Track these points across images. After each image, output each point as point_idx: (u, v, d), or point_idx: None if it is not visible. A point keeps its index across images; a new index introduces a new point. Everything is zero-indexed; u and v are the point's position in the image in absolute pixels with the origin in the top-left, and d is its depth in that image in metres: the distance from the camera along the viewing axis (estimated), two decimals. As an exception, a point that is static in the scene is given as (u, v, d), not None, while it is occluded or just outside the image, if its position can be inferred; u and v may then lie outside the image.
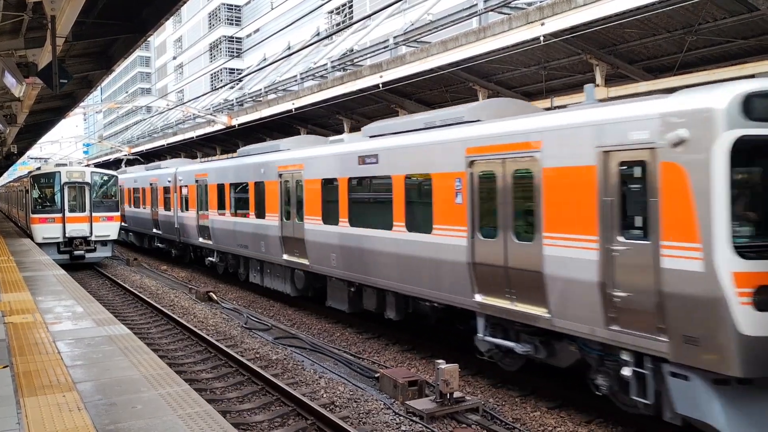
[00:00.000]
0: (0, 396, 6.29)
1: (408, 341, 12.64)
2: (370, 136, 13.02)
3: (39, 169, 26.87)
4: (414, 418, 8.69)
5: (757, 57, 10.80)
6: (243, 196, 17.96)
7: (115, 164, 45.44)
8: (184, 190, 22.71)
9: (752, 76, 9.80)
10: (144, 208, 28.28)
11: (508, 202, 9.17)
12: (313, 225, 14.24)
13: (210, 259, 21.33)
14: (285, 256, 15.59)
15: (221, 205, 19.44)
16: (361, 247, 12.47)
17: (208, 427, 5.45)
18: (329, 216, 13.62)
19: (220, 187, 19.59)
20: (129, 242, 33.48)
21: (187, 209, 22.51)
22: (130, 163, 40.03)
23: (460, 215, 10.01)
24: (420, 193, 11.23)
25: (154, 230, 27.06)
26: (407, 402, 9.03)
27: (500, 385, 10.19)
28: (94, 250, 24.44)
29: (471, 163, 9.80)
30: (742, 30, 10.55)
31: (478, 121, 10.32)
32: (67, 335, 8.88)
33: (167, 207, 24.72)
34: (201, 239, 21.49)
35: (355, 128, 21.15)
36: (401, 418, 8.74)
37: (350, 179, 12.91)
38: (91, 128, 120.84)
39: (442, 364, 8.82)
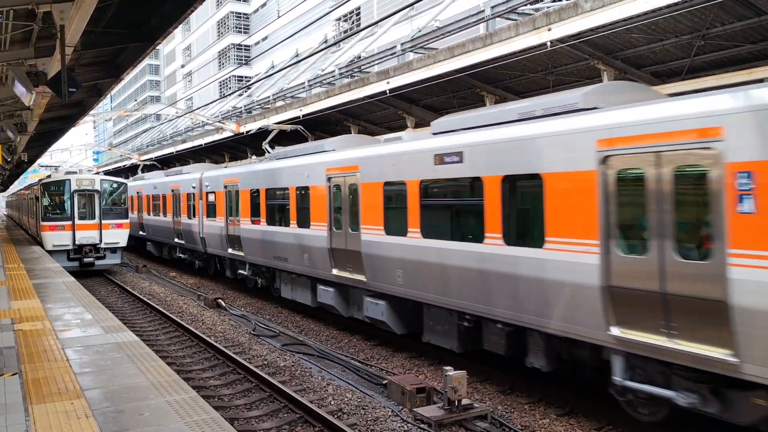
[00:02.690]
0: (9, 403, 6.31)
1: (416, 348, 12.60)
2: (442, 132, 11.14)
3: (49, 177, 27.06)
4: (422, 426, 8.65)
5: (766, 61, 10.74)
6: (281, 203, 16.13)
7: (131, 170, 44.55)
8: (211, 197, 21.03)
9: (761, 80, 9.75)
10: (165, 216, 26.57)
11: (666, 208, 7.13)
12: (372, 236, 12.35)
13: (241, 272, 19.28)
14: (335, 271, 13.75)
15: (255, 213, 17.62)
16: (438, 263, 10.58)
17: (215, 434, 5.45)
18: (394, 226, 11.73)
19: (254, 194, 17.73)
20: (147, 252, 31.83)
21: (214, 217, 20.85)
22: (147, 168, 38.58)
23: (587, 224, 8.02)
24: (525, 197, 9.37)
25: (176, 240, 25.38)
26: (415, 409, 8.99)
27: (509, 392, 10.13)
28: (104, 257, 24.58)
29: (604, 160, 7.82)
30: (751, 34, 10.49)
31: (595, 108, 8.48)
32: (76, 342, 8.91)
33: (191, 215, 23.08)
34: (230, 250, 19.62)
35: (362, 134, 21.17)
36: (409, 425, 8.71)
37: (422, 182, 10.97)
38: (101, 136, 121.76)
39: (450, 370, 8.78)
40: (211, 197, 21.05)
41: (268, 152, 18.79)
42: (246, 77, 65.99)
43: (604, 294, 7.69)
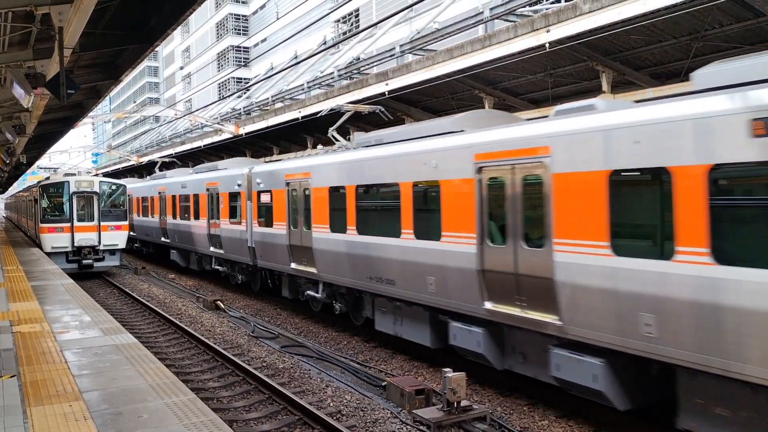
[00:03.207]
0: (7, 405, 6.30)
1: (415, 350, 12.59)
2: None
3: (48, 178, 27.04)
4: (421, 427, 8.65)
5: (765, 63, 10.73)
6: (386, 205, 12.06)
7: (147, 168, 42.55)
8: (265, 197, 17.10)
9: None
10: (197, 219, 22.37)
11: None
12: (588, 257, 8.00)
13: (310, 293, 15.29)
14: (490, 305, 9.51)
15: (338, 218, 13.53)
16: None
17: (214, 436, 5.44)
18: (660, 237, 7.24)
19: (335, 192, 13.67)
20: (172, 261, 26.94)
21: (269, 222, 16.91)
22: (167, 166, 35.30)
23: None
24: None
25: (212, 248, 21.23)
26: (414, 411, 8.99)
27: (508, 393, 10.12)
28: (103, 259, 24.56)
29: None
30: (749, 36, 10.51)
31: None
32: (75, 344, 8.90)
33: (235, 219, 19.15)
34: (295, 265, 15.52)
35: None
36: (408, 427, 8.70)
37: (711, 170, 6.59)
38: (100, 138, 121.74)
39: (449, 372, 8.77)
40: (265, 197, 17.12)
41: (337, 140, 15.34)
42: (245, 79, 66.04)
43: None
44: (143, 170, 43.35)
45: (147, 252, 32.62)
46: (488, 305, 9.57)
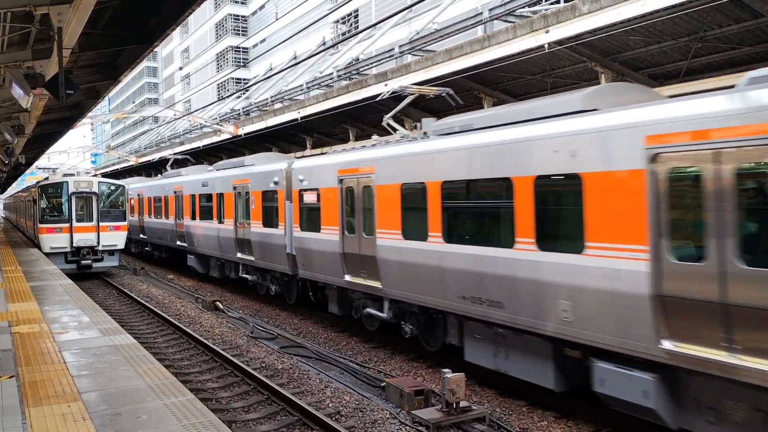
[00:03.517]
0: (5, 406, 6.29)
1: (414, 350, 12.59)
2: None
3: (47, 179, 27.03)
4: (420, 428, 8.64)
5: (764, 64, 10.76)
6: (491, 206, 9.61)
7: (147, 168, 41.85)
8: (310, 197, 14.77)
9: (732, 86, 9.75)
10: (220, 222, 20.22)
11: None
12: None
13: (372, 311, 12.86)
14: (670, 345, 7.12)
15: (413, 224, 11.24)
16: None
17: (213, 437, 5.43)
18: None
19: (411, 192, 11.27)
20: (190, 268, 24.50)
21: (313, 227, 14.59)
22: (179, 164, 33.18)
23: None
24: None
25: (240, 255, 18.94)
26: (413, 411, 8.98)
27: (507, 394, 10.12)
28: (102, 259, 24.54)
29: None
30: (748, 37, 10.52)
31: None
32: (73, 345, 8.89)
33: (270, 222, 16.91)
34: (350, 276, 13.15)
35: (360, 137, 21.19)
36: (407, 427, 8.70)
37: None
38: (99, 138, 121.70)
39: (448, 373, 8.77)
40: (310, 197, 14.76)
41: (394, 129, 13.45)
42: (244, 79, 66.04)
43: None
44: (143, 170, 43.30)
45: (159, 256, 29.72)
46: (668, 345, 7.04)
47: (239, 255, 18.95)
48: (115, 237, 24.72)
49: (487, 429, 8.63)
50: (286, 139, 25.42)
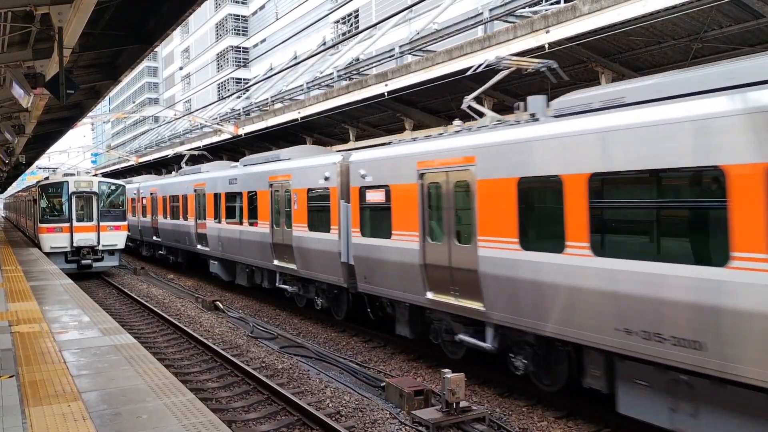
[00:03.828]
0: (6, 405, 6.29)
1: (414, 350, 12.59)
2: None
3: (47, 178, 27.04)
4: (420, 428, 8.65)
5: (764, 64, 10.75)
6: (669, 206, 7.20)
7: (164, 165, 40.58)
8: (375, 196, 12.39)
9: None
10: (252, 224, 17.90)
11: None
12: None
13: (466, 338, 10.47)
14: None
15: (536, 230, 8.93)
16: None
17: (213, 437, 5.44)
18: None
19: (534, 188, 8.94)
20: (213, 275, 22.20)
21: (380, 232, 12.27)
22: (195, 160, 30.95)
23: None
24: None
25: (278, 262, 16.62)
26: (413, 411, 8.98)
27: (507, 394, 10.13)
28: (102, 259, 24.55)
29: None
30: (748, 37, 10.52)
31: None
32: (73, 345, 8.89)
33: (319, 225, 14.53)
34: (433, 294, 10.85)
35: (360, 137, 21.19)
36: (407, 427, 8.70)
37: None
38: (99, 138, 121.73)
39: (448, 373, 8.77)
40: (375, 195, 12.37)
41: (479, 114, 11.31)
42: (244, 79, 66.06)
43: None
44: (152, 168, 43.20)
45: (175, 261, 27.35)
46: None
47: (276, 262, 16.51)
48: (115, 237, 24.73)
49: (487, 429, 8.64)
50: (287, 139, 25.42)
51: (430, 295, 10.95)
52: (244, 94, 35.69)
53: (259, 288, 19.45)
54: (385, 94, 16.32)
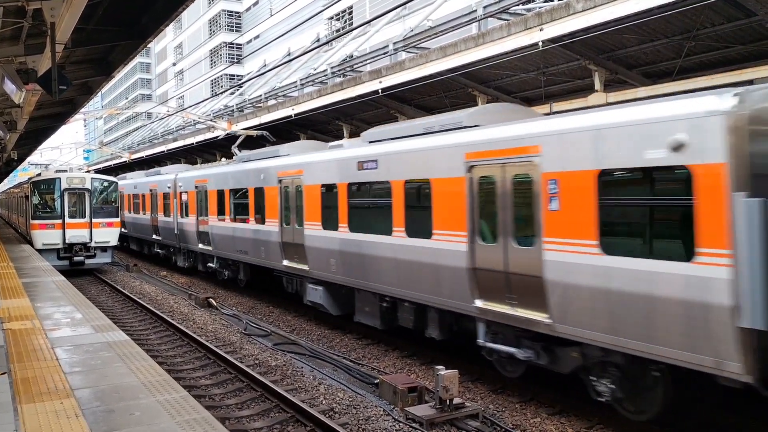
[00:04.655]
0: (-2, 403, 6.27)
1: (407, 347, 12.61)
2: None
3: (39, 175, 26.89)
4: (414, 425, 8.66)
5: (756, 62, 10.82)
6: None
7: (149, 164, 39.56)
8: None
9: (751, 82, 9.83)
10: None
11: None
12: None
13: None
14: None
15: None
16: None
17: (206, 433, 5.43)
18: None
19: None
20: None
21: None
22: (252, 144, 24.17)
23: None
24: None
25: (480, 303, 9.98)
26: (407, 408, 9.00)
27: (500, 391, 10.16)
28: (94, 256, 24.45)
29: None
30: (741, 35, 10.57)
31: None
32: (66, 342, 8.86)
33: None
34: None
35: (354, 134, 21.18)
36: (401, 424, 8.72)
37: None
38: (92, 134, 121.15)
39: (441, 370, 8.79)
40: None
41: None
42: (238, 76, 65.84)
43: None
44: (135, 167, 43.09)
45: (230, 277, 20.25)
46: None
47: (480, 303, 9.72)
48: (107, 233, 24.62)
49: (481, 426, 8.66)
50: (280, 135, 25.37)
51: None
52: (238, 90, 35.60)
53: (253, 285, 19.41)
54: (379, 91, 16.31)
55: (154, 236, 25.93)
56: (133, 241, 32.28)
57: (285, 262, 15.53)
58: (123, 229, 17.11)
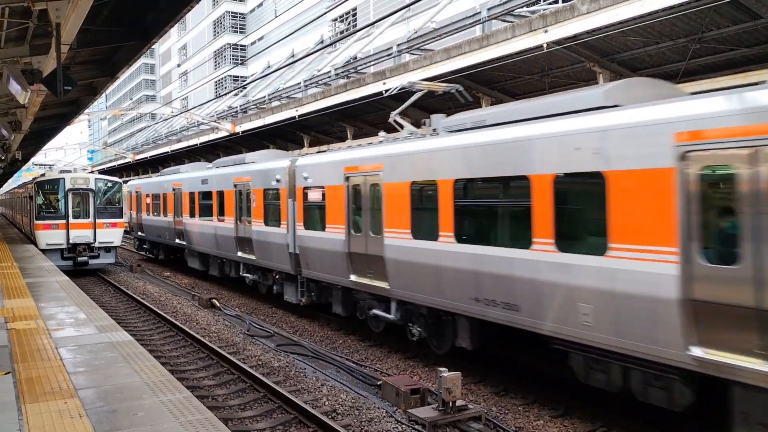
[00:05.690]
0: (1, 402, 6.28)
1: (410, 349, 12.60)
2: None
3: (43, 175, 26.96)
4: (416, 427, 8.65)
5: (761, 65, 10.79)
6: None
7: (151, 165, 38.89)
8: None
9: (757, 83, 9.80)
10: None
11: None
12: None
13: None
14: None
15: None
16: None
17: (210, 434, 5.43)
18: None
19: None
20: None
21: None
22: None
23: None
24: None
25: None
26: (409, 410, 8.99)
27: (503, 393, 10.14)
28: (98, 256, 24.49)
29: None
30: (746, 38, 10.55)
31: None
32: (70, 342, 8.87)
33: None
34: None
35: (358, 135, 21.20)
36: (403, 426, 8.70)
37: None
38: (96, 135, 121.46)
39: (444, 372, 8.78)
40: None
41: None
42: (242, 77, 65.96)
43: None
44: (138, 168, 43.18)
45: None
46: None
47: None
48: (111, 234, 24.67)
49: (484, 428, 8.64)
50: (284, 137, 25.41)
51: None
52: (242, 91, 35.65)
53: (257, 287, 19.43)
54: (383, 92, 16.32)
55: (240, 253, 17.05)
56: (196, 257, 22.55)
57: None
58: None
